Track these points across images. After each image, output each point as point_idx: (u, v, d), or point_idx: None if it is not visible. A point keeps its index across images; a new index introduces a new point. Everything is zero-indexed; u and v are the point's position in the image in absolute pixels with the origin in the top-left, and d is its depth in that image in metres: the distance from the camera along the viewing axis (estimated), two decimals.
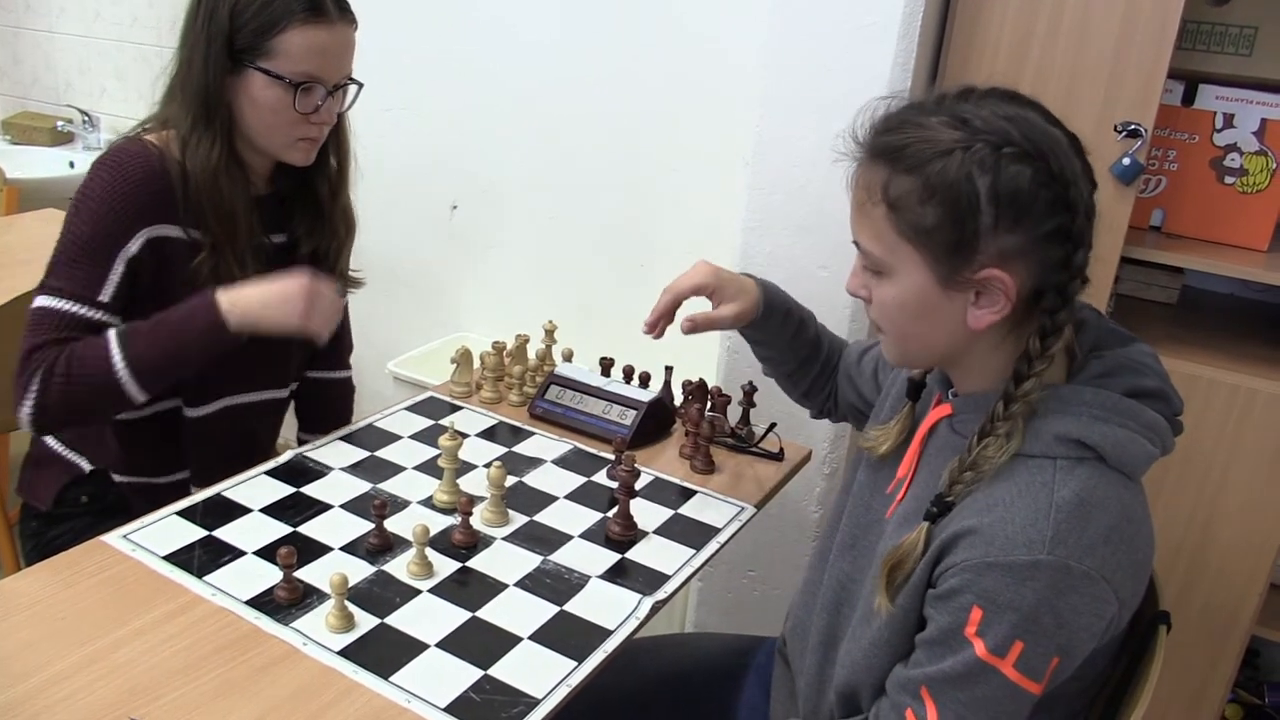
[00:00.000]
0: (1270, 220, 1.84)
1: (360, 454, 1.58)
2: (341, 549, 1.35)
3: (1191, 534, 1.83)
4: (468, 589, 1.29)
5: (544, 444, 1.66)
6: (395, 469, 1.54)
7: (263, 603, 1.23)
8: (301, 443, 1.82)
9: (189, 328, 1.42)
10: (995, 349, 1.05)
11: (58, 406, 1.40)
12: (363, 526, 1.39)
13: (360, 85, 1.56)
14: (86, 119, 3.33)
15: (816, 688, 1.26)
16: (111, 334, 1.41)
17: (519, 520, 1.44)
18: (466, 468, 1.55)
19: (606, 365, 1.81)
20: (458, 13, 2.49)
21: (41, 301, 1.43)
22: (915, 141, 0.99)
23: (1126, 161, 1.70)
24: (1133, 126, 1.70)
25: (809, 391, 1.53)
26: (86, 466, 1.62)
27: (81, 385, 1.39)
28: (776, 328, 1.46)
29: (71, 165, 3.21)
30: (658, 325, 1.44)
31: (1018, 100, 1.02)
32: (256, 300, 1.42)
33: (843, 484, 1.34)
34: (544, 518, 1.45)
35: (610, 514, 1.44)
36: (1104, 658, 1.08)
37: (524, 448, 1.65)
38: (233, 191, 1.49)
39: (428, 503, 1.46)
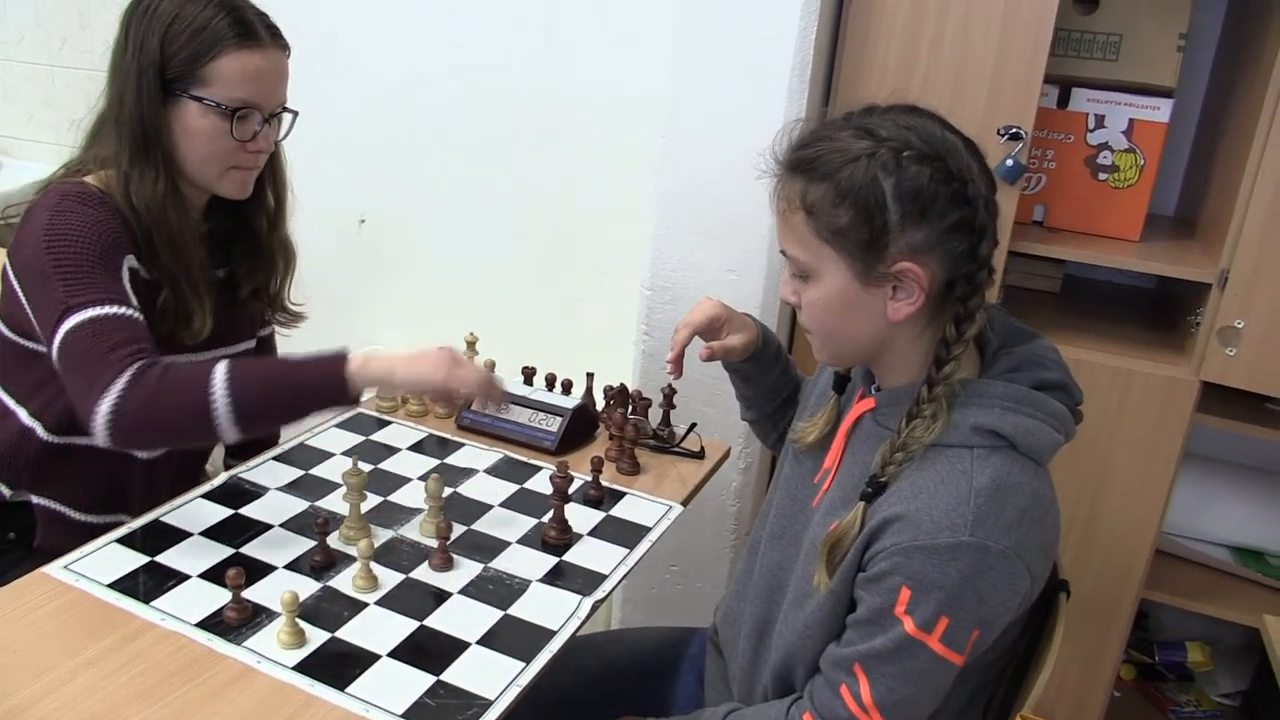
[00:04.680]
0: (1141, 212, 1.99)
1: (295, 473, 1.61)
2: (285, 567, 1.38)
3: (1082, 507, 1.96)
4: (414, 599, 1.33)
5: (475, 454, 1.71)
6: (331, 485, 1.57)
7: (213, 624, 1.26)
8: (229, 466, 1.83)
9: (307, 374, 1.36)
10: (916, 340, 1.15)
11: (137, 415, 1.31)
12: (304, 544, 1.42)
13: (295, 114, 1.55)
14: None
15: (750, 671, 1.34)
16: (221, 364, 1.33)
17: (458, 530, 1.48)
18: (397, 483, 1.59)
19: (529, 374, 1.86)
20: (357, 28, 2.50)
21: (80, 317, 1.34)
22: (827, 153, 1.09)
23: (1010, 163, 1.82)
24: (1014, 129, 1.81)
25: (785, 430, 1.56)
26: (6, 491, 1.59)
27: (169, 401, 1.32)
28: (770, 362, 1.52)
29: None
30: (679, 364, 1.45)
31: (917, 112, 1.12)
32: (398, 361, 1.37)
33: (773, 478, 1.42)
34: (482, 526, 1.51)
35: (545, 519, 1.50)
36: (1015, 629, 1.18)
37: (455, 459, 1.69)
38: (182, 223, 1.48)
39: (367, 517, 1.49)
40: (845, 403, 1.30)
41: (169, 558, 1.38)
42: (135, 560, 1.37)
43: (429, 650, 1.24)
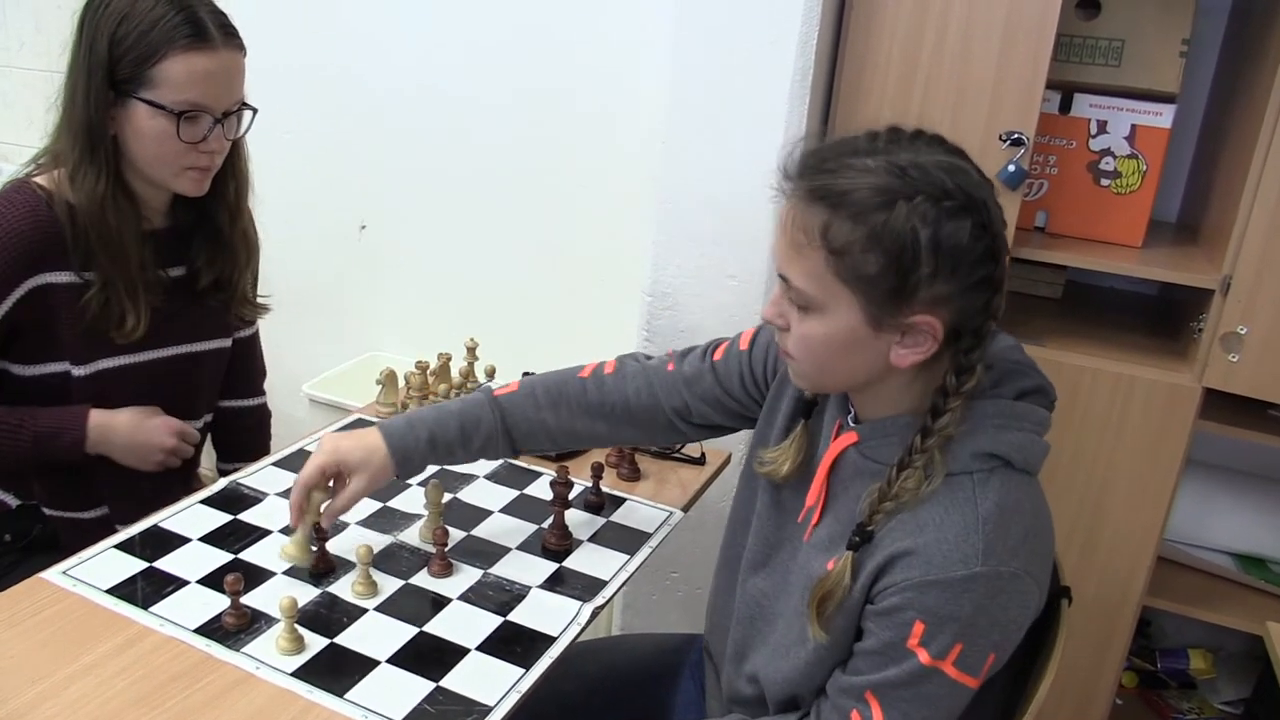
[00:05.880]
0: (1143, 218, 1.98)
1: (294, 478, 1.58)
2: (284, 573, 1.37)
3: (1084, 514, 1.95)
4: (413, 605, 1.33)
5: None
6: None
7: (211, 630, 1.25)
8: (223, 473, 1.82)
9: (51, 443, 1.51)
10: (910, 383, 1.10)
11: None
12: None
13: (254, 110, 1.54)
14: None
15: (731, 689, 1.33)
16: None
17: (457, 535, 1.48)
18: (397, 489, 1.58)
19: None
20: (356, 33, 2.50)
21: None
22: (857, 189, 1.01)
23: (1011, 168, 1.81)
24: (1016, 135, 1.81)
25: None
26: (13, 502, 1.60)
27: None
28: (439, 459, 1.39)
29: None
30: (299, 520, 1.36)
31: (944, 145, 1.06)
32: (122, 442, 1.56)
33: (737, 492, 1.38)
34: (481, 531, 1.50)
35: (545, 525, 1.50)
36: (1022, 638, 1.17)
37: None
38: (120, 223, 1.48)
39: (366, 524, 1.50)
40: (815, 428, 1.25)
41: (168, 563, 1.37)
42: (134, 566, 1.36)
43: (428, 656, 1.24)
